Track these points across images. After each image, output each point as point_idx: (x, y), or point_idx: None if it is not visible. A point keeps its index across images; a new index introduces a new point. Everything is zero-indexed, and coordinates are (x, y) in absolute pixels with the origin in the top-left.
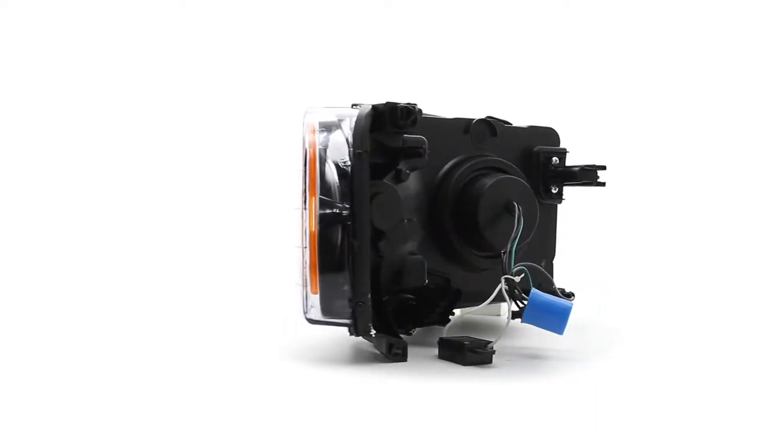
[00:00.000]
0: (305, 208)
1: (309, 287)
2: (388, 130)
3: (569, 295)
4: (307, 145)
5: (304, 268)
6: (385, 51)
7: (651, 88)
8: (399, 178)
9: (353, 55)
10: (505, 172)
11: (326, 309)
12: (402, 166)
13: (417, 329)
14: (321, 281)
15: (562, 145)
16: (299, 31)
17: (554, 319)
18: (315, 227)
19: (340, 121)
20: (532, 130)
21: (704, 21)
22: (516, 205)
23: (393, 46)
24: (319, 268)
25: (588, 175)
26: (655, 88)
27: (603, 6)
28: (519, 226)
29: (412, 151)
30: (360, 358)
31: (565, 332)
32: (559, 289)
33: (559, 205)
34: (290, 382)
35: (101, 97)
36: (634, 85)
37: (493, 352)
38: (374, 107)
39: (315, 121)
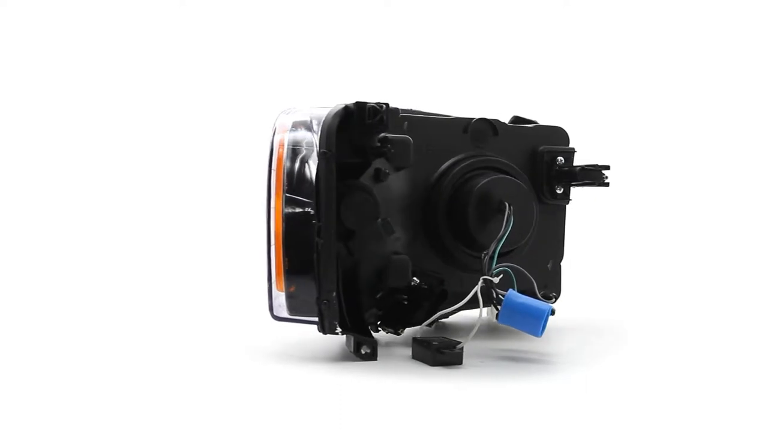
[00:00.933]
0: (271, 207)
1: (275, 285)
2: (357, 129)
3: (549, 298)
4: (276, 144)
5: (270, 265)
6: (386, 51)
7: (659, 87)
8: (378, 178)
9: (353, 55)
10: (503, 171)
11: (293, 306)
12: (382, 165)
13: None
14: (287, 279)
15: (573, 145)
16: (299, 31)
17: (530, 320)
18: (280, 225)
19: (312, 120)
20: (540, 129)
21: (716, 17)
22: (507, 206)
23: (394, 46)
24: (284, 266)
25: (589, 175)
26: (662, 87)
27: (604, 4)
28: (507, 226)
29: (378, 151)
30: (327, 356)
31: (551, 336)
32: (542, 291)
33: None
34: (257, 381)
35: (97, 96)
36: (645, 84)
37: (461, 352)
38: (346, 107)
39: (288, 121)
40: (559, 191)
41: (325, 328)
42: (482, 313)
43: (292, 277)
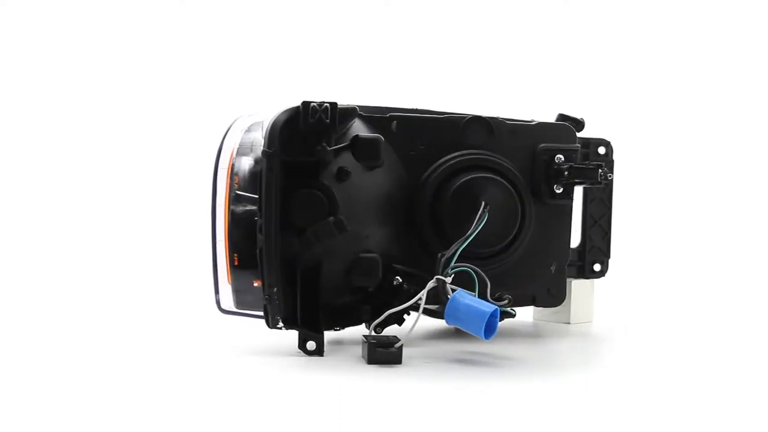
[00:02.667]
0: (218, 203)
1: (222, 279)
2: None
3: (500, 299)
4: (227, 143)
5: (216, 260)
6: (386, 51)
7: (659, 88)
8: (339, 177)
9: (353, 55)
10: (492, 170)
11: (239, 301)
12: (349, 164)
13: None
14: (233, 273)
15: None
16: (299, 31)
17: (474, 321)
18: (226, 222)
19: (264, 122)
20: (544, 127)
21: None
22: (483, 205)
23: (394, 46)
24: (230, 261)
25: (581, 174)
26: (663, 87)
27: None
28: (477, 227)
29: (320, 152)
30: (275, 352)
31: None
32: (498, 294)
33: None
34: (207, 375)
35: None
36: (645, 85)
37: (398, 351)
38: (298, 106)
39: (246, 122)
40: (558, 191)
41: (268, 322)
42: (421, 311)
43: (239, 273)
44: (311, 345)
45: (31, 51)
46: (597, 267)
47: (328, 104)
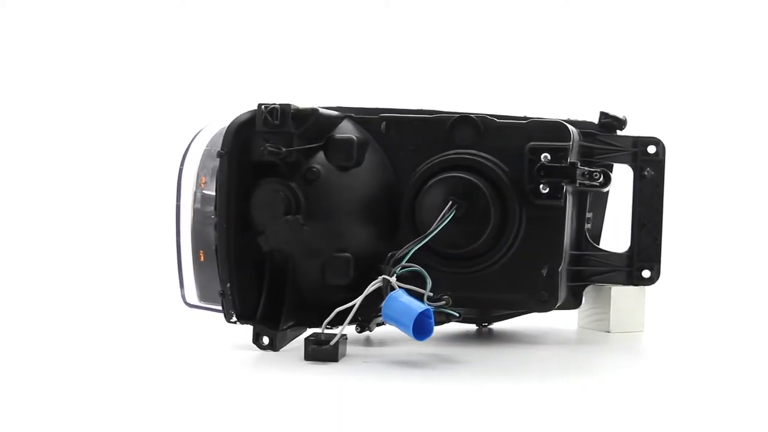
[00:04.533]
0: (181, 201)
1: (187, 274)
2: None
3: (439, 301)
4: (194, 145)
5: (180, 256)
6: (386, 52)
7: (659, 88)
8: (307, 177)
9: (353, 55)
10: (474, 170)
11: (203, 295)
12: (321, 164)
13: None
14: (198, 269)
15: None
16: (298, 31)
17: (404, 321)
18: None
19: None
20: (535, 124)
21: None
22: (450, 204)
23: (394, 46)
24: (195, 257)
25: (557, 173)
26: (663, 88)
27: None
28: (437, 227)
29: (273, 154)
30: (224, 346)
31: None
32: (438, 294)
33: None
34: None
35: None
36: (645, 86)
37: (333, 348)
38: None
39: (214, 125)
40: (544, 191)
41: (225, 317)
42: (354, 309)
43: (203, 268)
44: (264, 340)
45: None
46: (646, 273)
47: (278, 106)
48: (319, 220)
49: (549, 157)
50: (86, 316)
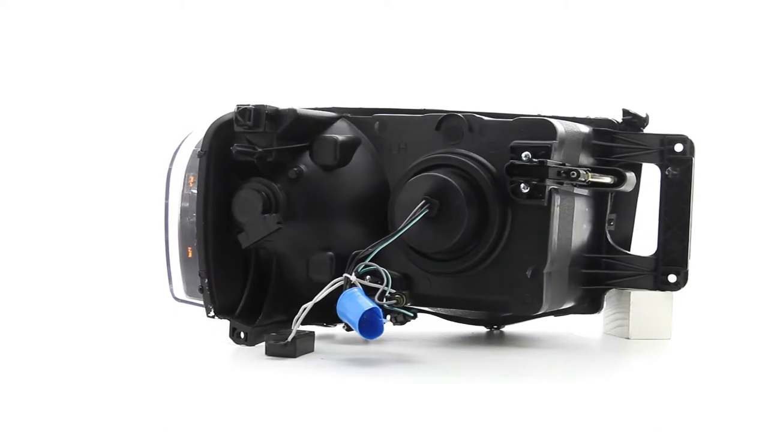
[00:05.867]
0: (170, 200)
1: (175, 270)
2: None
3: (389, 298)
4: (185, 144)
5: (168, 252)
6: (387, 51)
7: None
8: (291, 177)
9: (353, 55)
10: (454, 168)
11: (189, 291)
12: (301, 165)
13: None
14: (186, 265)
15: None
16: (297, 31)
17: (352, 318)
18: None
19: None
20: (521, 122)
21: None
22: (422, 204)
23: (395, 46)
24: (182, 253)
25: (521, 171)
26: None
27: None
28: (405, 225)
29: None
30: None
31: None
32: (397, 293)
33: None
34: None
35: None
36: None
37: (288, 344)
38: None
39: (205, 126)
40: (525, 190)
41: (205, 311)
42: (309, 307)
43: (191, 264)
44: (239, 334)
45: None
46: (672, 278)
47: (252, 107)
48: (302, 218)
49: (529, 155)
50: (80, 308)
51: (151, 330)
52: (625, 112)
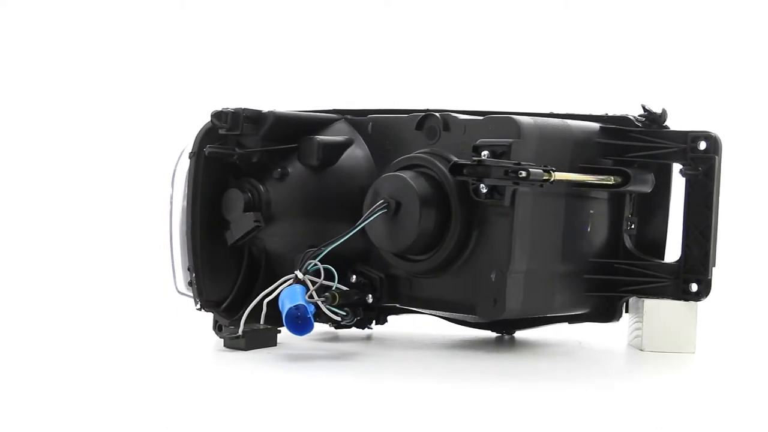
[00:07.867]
0: (174, 199)
1: (177, 266)
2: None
3: (324, 299)
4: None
5: (172, 248)
6: (387, 51)
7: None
8: (276, 177)
9: (353, 55)
10: (422, 168)
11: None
12: (286, 165)
13: None
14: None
15: None
16: (298, 30)
17: (281, 315)
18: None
19: None
20: (490, 122)
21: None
22: (379, 203)
23: (395, 46)
24: (181, 248)
25: (475, 171)
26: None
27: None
28: (357, 226)
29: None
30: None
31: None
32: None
33: None
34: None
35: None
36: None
37: (240, 338)
38: None
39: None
40: (484, 190)
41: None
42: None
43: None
44: (224, 330)
45: None
46: (693, 287)
47: (230, 110)
48: (287, 217)
49: (488, 154)
50: (88, 301)
51: (150, 320)
52: (643, 108)
